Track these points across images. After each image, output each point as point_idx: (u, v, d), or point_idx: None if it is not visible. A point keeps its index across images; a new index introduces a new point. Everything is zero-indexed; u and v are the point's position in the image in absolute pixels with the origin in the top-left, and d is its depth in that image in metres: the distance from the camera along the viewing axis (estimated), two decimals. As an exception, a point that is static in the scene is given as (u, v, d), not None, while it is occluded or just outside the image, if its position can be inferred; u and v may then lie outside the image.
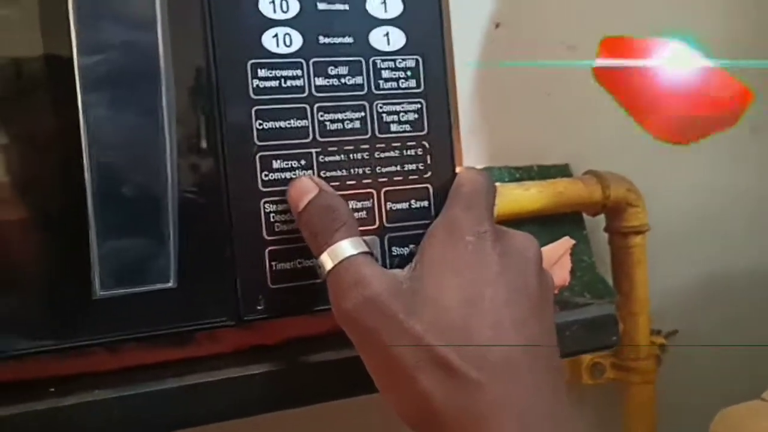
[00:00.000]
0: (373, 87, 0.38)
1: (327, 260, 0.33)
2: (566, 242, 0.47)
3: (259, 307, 0.36)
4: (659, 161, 0.68)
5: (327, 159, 0.37)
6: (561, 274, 0.46)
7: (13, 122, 0.32)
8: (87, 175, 0.31)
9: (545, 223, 0.61)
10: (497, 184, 0.58)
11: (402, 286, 0.33)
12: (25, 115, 0.33)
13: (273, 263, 0.36)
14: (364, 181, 0.38)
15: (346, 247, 0.33)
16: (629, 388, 0.64)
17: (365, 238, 0.36)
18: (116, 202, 0.32)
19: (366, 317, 0.32)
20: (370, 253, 0.34)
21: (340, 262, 0.33)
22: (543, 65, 0.58)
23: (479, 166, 0.61)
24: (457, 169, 0.40)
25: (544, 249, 0.48)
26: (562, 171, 0.64)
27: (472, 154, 0.64)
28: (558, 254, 0.46)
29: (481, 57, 0.65)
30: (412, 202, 0.39)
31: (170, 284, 0.34)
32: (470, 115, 0.65)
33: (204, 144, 0.35)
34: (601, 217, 0.64)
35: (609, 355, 0.66)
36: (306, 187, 0.35)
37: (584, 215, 0.63)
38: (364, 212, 0.38)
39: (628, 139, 0.67)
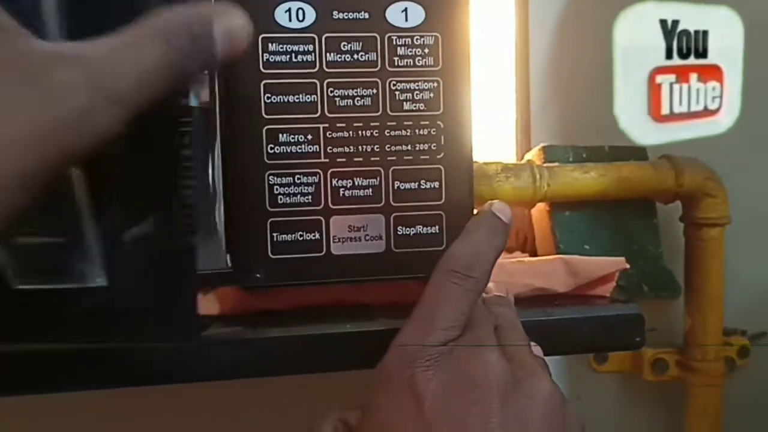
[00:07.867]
0: (387, 64, 0.37)
1: None
2: (619, 263, 0.43)
3: (258, 276, 0.37)
4: (751, 153, 0.62)
5: (335, 135, 0.37)
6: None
7: None
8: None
9: (610, 208, 0.57)
10: (556, 164, 0.56)
11: None
12: None
13: (275, 234, 0.37)
14: (372, 158, 0.38)
15: None
16: (692, 389, 0.60)
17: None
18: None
19: None
20: None
21: None
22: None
23: (544, 144, 0.59)
24: None
25: (594, 259, 0.44)
26: (637, 154, 0.59)
27: (540, 131, 0.62)
28: (604, 271, 0.43)
29: (561, 19, 0.62)
30: (422, 182, 0.38)
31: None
32: (543, 90, 0.62)
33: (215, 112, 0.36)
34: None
35: (675, 351, 0.62)
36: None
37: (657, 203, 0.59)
38: (370, 190, 0.38)
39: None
